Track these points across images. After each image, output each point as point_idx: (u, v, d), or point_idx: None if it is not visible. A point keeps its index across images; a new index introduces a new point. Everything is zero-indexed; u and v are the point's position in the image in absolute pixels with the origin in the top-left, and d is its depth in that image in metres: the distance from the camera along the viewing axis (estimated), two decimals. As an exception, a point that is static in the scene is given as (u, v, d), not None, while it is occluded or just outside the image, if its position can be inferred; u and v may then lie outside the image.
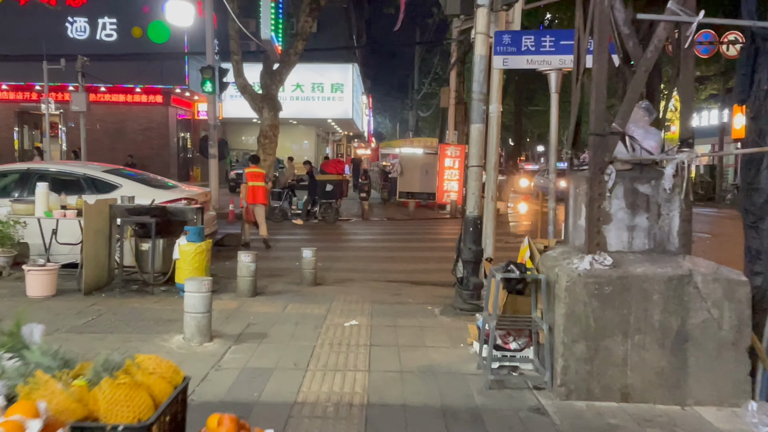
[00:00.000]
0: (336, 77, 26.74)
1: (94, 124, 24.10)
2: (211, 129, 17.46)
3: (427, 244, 12.07)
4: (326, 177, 15.68)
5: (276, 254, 10.11)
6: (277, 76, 16.67)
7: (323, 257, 9.06)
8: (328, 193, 15.34)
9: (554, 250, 4.33)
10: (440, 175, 19.32)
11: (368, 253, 10.47)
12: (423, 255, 10.34)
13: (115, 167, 9.09)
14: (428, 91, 36.57)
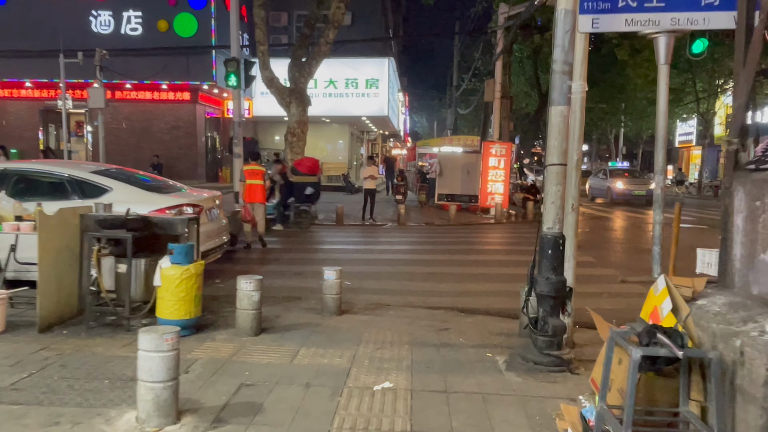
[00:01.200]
0: (371, 72, 25.24)
1: (120, 122, 23.26)
2: (235, 126, 16.16)
3: (474, 256, 10.44)
4: (302, 178, 13.69)
5: (292, 268, 8.62)
6: (306, 68, 15.25)
7: (351, 274, 7.54)
8: (308, 197, 13.51)
9: (710, 300, 2.68)
10: (483, 176, 17.63)
11: (405, 268, 8.90)
12: (471, 271, 8.71)
13: (107, 167, 7.74)
14: (468, 88, 34.81)
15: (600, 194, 25.47)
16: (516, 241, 12.12)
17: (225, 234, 8.16)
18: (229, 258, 9.20)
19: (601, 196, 25.20)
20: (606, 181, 24.94)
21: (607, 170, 26.73)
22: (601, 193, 25.33)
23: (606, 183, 24.85)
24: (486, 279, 8.08)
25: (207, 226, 7.44)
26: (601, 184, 25.54)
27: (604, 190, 24.90)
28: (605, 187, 24.72)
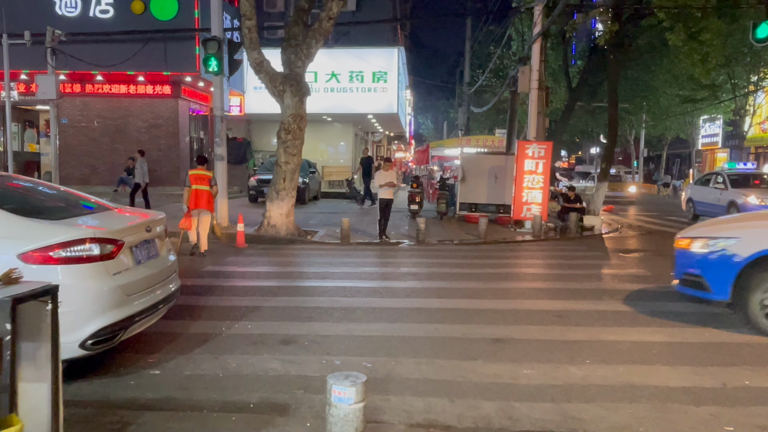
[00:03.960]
0: (378, 63, 22.27)
1: (91, 120, 20.28)
2: (217, 122, 13.24)
3: (553, 301, 7.40)
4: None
5: (275, 329, 5.60)
6: (304, 49, 12.24)
7: (370, 342, 4.54)
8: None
9: None
10: (518, 182, 14.62)
11: (452, 327, 5.90)
12: (559, 333, 5.70)
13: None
14: (483, 85, 31.80)
15: (711, 211, 16.30)
16: (596, 272, 9.09)
17: (172, 280, 5.14)
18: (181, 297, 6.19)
19: (713, 213, 15.77)
20: (727, 193, 16.30)
21: (724, 175, 17.23)
22: (714, 209, 16.30)
23: (727, 195, 16.19)
24: (598, 351, 5.06)
25: (135, 273, 4.46)
26: (714, 197, 16.82)
27: (721, 205, 16.14)
28: (726, 201, 16.04)
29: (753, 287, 5.38)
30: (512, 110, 19.50)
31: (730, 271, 5.48)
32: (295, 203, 12.64)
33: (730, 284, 5.50)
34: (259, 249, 10.93)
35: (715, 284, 5.64)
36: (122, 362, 4.63)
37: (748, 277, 5.43)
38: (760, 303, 5.38)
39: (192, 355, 4.84)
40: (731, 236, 5.63)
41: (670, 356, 4.96)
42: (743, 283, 5.45)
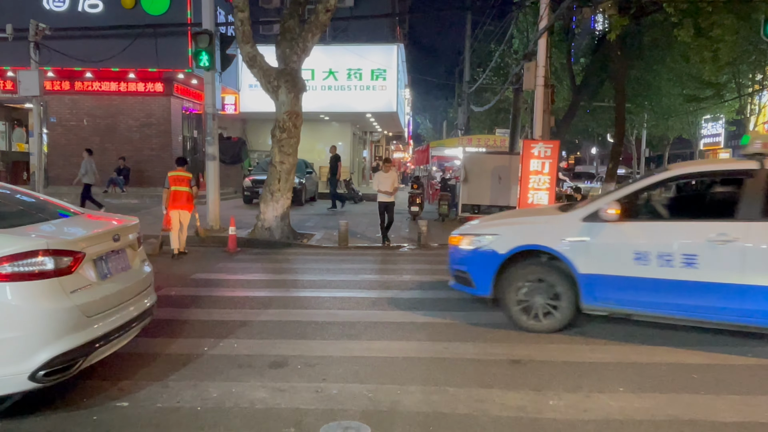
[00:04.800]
0: (377, 61, 21.61)
1: (81, 119, 19.62)
2: (208, 119, 12.61)
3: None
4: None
5: (259, 366, 4.99)
6: (300, 43, 11.62)
7: (378, 416, 3.93)
8: None
9: None
10: (523, 183, 14.00)
11: (457, 338, 5.31)
12: (578, 347, 5.11)
13: None
14: (484, 83, 31.17)
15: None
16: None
17: (146, 295, 4.52)
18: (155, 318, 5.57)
19: None
20: None
21: None
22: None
23: None
24: (631, 376, 4.46)
25: (99, 290, 3.85)
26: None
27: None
28: None
29: (510, 282, 5.49)
30: (515, 109, 18.96)
31: (491, 266, 5.57)
32: (290, 205, 12.03)
33: (491, 280, 5.58)
34: (251, 254, 10.32)
35: (479, 280, 5.70)
36: (86, 392, 4.01)
37: (506, 272, 5.52)
38: (516, 298, 5.48)
39: (168, 382, 4.22)
40: (492, 233, 5.70)
41: (714, 382, 4.36)
42: (503, 278, 5.55)
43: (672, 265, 4.92)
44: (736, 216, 4.93)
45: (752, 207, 4.89)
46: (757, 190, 4.91)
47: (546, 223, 5.87)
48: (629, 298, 5.16)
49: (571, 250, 5.30)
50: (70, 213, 4.46)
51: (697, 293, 4.90)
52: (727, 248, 4.80)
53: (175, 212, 9.62)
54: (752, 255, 4.77)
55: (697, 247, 4.88)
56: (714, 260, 4.83)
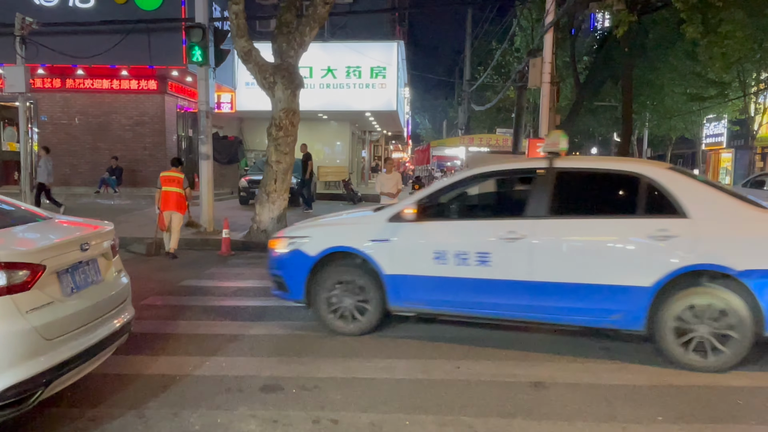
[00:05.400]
0: (377, 58, 21.08)
1: (72, 117, 19.07)
2: (201, 117, 12.11)
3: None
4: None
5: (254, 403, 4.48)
6: (298, 37, 11.10)
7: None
8: None
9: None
10: (529, 184, 13.51)
11: (471, 356, 4.82)
12: (604, 365, 4.62)
13: None
14: (484, 82, 30.65)
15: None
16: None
17: (122, 310, 4.01)
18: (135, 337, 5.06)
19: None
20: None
21: None
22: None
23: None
24: (668, 401, 3.96)
25: (63, 307, 3.34)
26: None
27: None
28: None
29: (321, 285, 5.33)
30: (519, 107, 18.47)
31: (302, 270, 5.38)
32: (287, 206, 11.52)
33: (303, 284, 5.40)
34: (246, 258, 9.80)
35: (292, 284, 5.49)
36: (49, 422, 3.50)
37: (317, 275, 5.35)
38: (327, 301, 5.33)
39: (144, 410, 3.71)
40: (304, 235, 5.52)
41: (764, 408, 3.86)
42: (314, 281, 5.38)
43: (468, 263, 4.93)
44: (525, 214, 4.96)
45: (540, 205, 4.92)
46: (545, 188, 4.96)
47: (355, 224, 5.80)
48: (433, 298, 5.12)
49: (376, 251, 5.21)
50: (40, 219, 3.96)
51: (492, 291, 4.91)
52: (516, 246, 4.81)
53: (167, 213, 9.60)
54: (538, 252, 4.80)
55: (490, 245, 4.90)
56: (505, 258, 4.85)
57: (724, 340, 4.39)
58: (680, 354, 4.48)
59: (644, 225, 4.61)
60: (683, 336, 4.47)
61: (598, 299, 4.63)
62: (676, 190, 4.63)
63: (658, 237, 4.50)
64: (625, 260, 4.64)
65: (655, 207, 4.68)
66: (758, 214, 4.62)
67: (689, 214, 4.52)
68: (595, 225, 4.81)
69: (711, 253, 4.41)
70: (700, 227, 4.48)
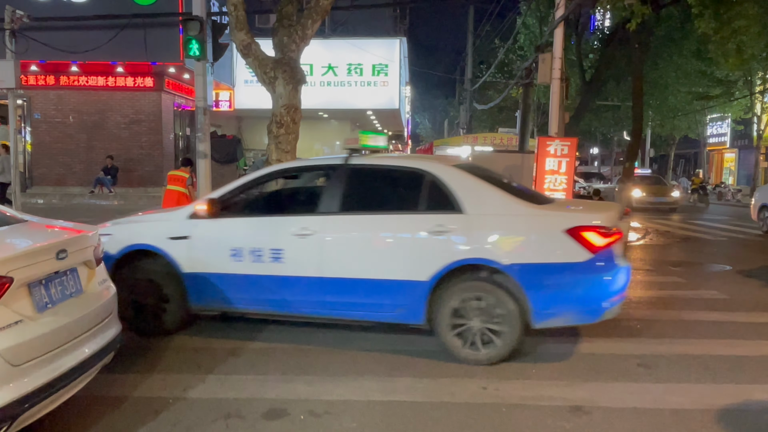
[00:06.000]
0: (379, 55, 20.64)
1: (67, 115, 18.59)
2: (199, 114, 11.64)
3: (615, 333, 5.85)
4: None
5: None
6: (299, 30, 10.62)
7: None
8: None
9: None
10: (538, 184, 13.04)
11: (496, 374, 4.38)
12: (647, 386, 4.16)
13: None
14: (487, 81, 30.19)
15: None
16: (659, 295, 7.52)
17: (107, 325, 3.53)
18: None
19: None
20: None
21: None
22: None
23: None
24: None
25: (34, 326, 2.86)
26: None
27: None
28: None
29: (122, 285, 4.61)
30: (525, 105, 18.02)
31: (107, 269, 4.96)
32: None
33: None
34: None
35: None
36: None
37: (120, 274, 4.99)
38: (130, 300, 4.99)
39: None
40: (107, 232, 5.19)
41: None
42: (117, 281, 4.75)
43: (263, 260, 4.86)
44: (317, 210, 4.96)
45: (332, 201, 4.92)
46: (338, 185, 4.97)
47: (157, 221, 5.57)
48: (232, 296, 5.00)
49: (175, 248, 5.05)
50: (13, 222, 3.48)
51: (286, 288, 4.84)
52: (307, 242, 4.77)
53: None
54: (327, 248, 4.78)
55: (283, 241, 4.84)
56: (297, 254, 4.81)
57: (495, 334, 4.43)
58: (457, 347, 4.50)
59: (424, 220, 4.66)
60: (458, 329, 4.50)
61: (382, 294, 4.66)
62: (456, 187, 4.66)
63: (435, 232, 4.55)
64: (405, 255, 4.66)
65: (435, 203, 4.69)
66: (530, 210, 4.63)
67: (465, 210, 4.56)
68: (380, 221, 4.83)
69: (481, 248, 4.48)
70: (473, 223, 4.53)
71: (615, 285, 4.43)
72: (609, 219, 4.51)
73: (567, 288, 4.35)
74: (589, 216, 4.58)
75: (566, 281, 4.35)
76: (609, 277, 4.38)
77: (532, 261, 4.38)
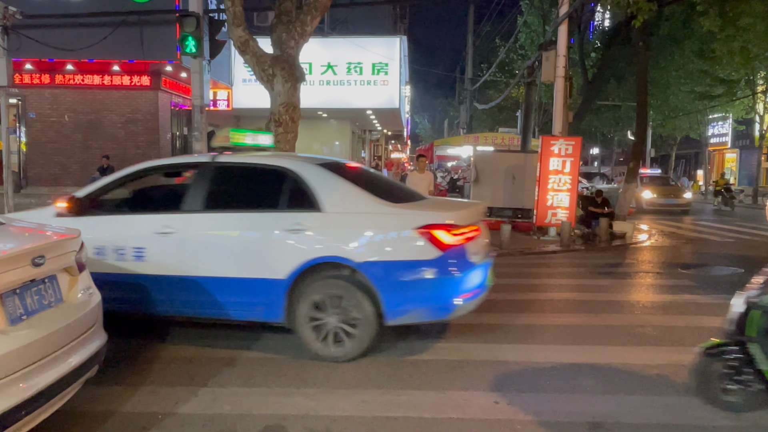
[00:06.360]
0: (379, 54, 20.35)
1: (62, 114, 18.28)
2: (195, 113, 11.39)
3: (639, 342, 5.59)
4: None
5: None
6: (298, 26, 10.36)
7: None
8: None
9: None
10: (542, 184, 12.80)
11: (508, 386, 4.12)
12: (676, 399, 3.90)
13: None
14: (487, 80, 29.95)
15: None
16: (679, 300, 7.23)
17: (90, 337, 3.26)
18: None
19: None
20: None
21: None
22: None
23: None
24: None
25: (9, 339, 2.60)
26: None
27: None
28: None
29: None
30: (527, 104, 17.76)
31: None
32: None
33: None
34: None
35: None
36: None
37: None
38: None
39: (116, 465, 2.97)
40: None
41: None
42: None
43: (125, 259, 4.80)
44: (181, 208, 4.93)
45: (196, 199, 4.91)
46: (203, 183, 4.97)
47: (29, 219, 5.40)
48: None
49: None
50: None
51: (151, 287, 4.78)
52: (169, 240, 4.73)
53: None
54: (189, 246, 4.75)
55: (145, 240, 4.80)
56: (159, 253, 4.76)
57: (350, 330, 4.46)
58: (314, 345, 4.51)
59: (284, 218, 4.68)
60: (315, 327, 4.51)
61: (243, 293, 4.65)
62: (317, 186, 4.69)
63: (293, 230, 4.58)
64: (263, 254, 4.64)
65: (296, 201, 4.73)
66: (385, 208, 4.62)
67: (323, 208, 4.60)
68: (241, 219, 4.84)
69: (336, 246, 4.50)
70: (330, 221, 4.57)
71: (467, 282, 4.47)
72: (461, 217, 4.57)
73: (417, 285, 4.38)
74: (441, 214, 4.59)
75: (416, 279, 4.36)
76: (460, 274, 4.41)
77: (384, 259, 4.41)
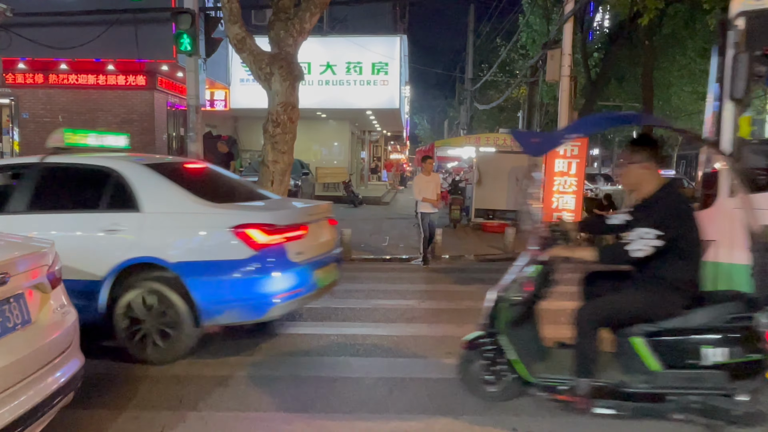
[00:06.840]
0: (379, 53, 20.01)
1: (56, 115, 17.97)
2: (191, 112, 11.08)
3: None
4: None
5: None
6: (297, 24, 10.02)
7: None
8: None
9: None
10: (547, 185, 12.50)
11: (527, 410, 3.78)
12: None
13: None
14: (488, 80, 29.62)
15: None
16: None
17: (64, 360, 2.93)
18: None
19: None
20: None
21: None
22: None
23: None
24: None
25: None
26: None
27: None
28: None
29: None
30: (530, 104, 17.48)
31: None
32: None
33: None
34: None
35: None
36: None
37: None
38: None
39: (91, 507, 2.63)
40: None
41: None
42: None
43: None
44: (5, 210, 4.83)
45: (22, 200, 4.84)
46: (31, 184, 4.91)
47: None
48: None
49: None
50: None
51: None
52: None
53: None
54: None
55: None
56: None
57: (167, 333, 4.41)
58: (132, 347, 4.46)
59: (103, 219, 4.66)
60: (130, 329, 4.46)
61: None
62: (138, 186, 4.66)
63: (111, 230, 4.56)
64: (82, 255, 4.54)
65: (117, 201, 4.70)
66: (202, 208, 4.57)
67: (142, 208, 4.58)
68: (64, 220, 4.79)
69: (151, 247, 4.48)
70: (147, 221, 4.55)
71: (283, 283, 4.41)
72: (281, 217, 4.54)
73: (231, 285, 4.35)
74: (256, 214, 4.56)
75: (230, 278, 4.33)
76: (276, 273, 4.36)
77: (198, 259, 4.40)
